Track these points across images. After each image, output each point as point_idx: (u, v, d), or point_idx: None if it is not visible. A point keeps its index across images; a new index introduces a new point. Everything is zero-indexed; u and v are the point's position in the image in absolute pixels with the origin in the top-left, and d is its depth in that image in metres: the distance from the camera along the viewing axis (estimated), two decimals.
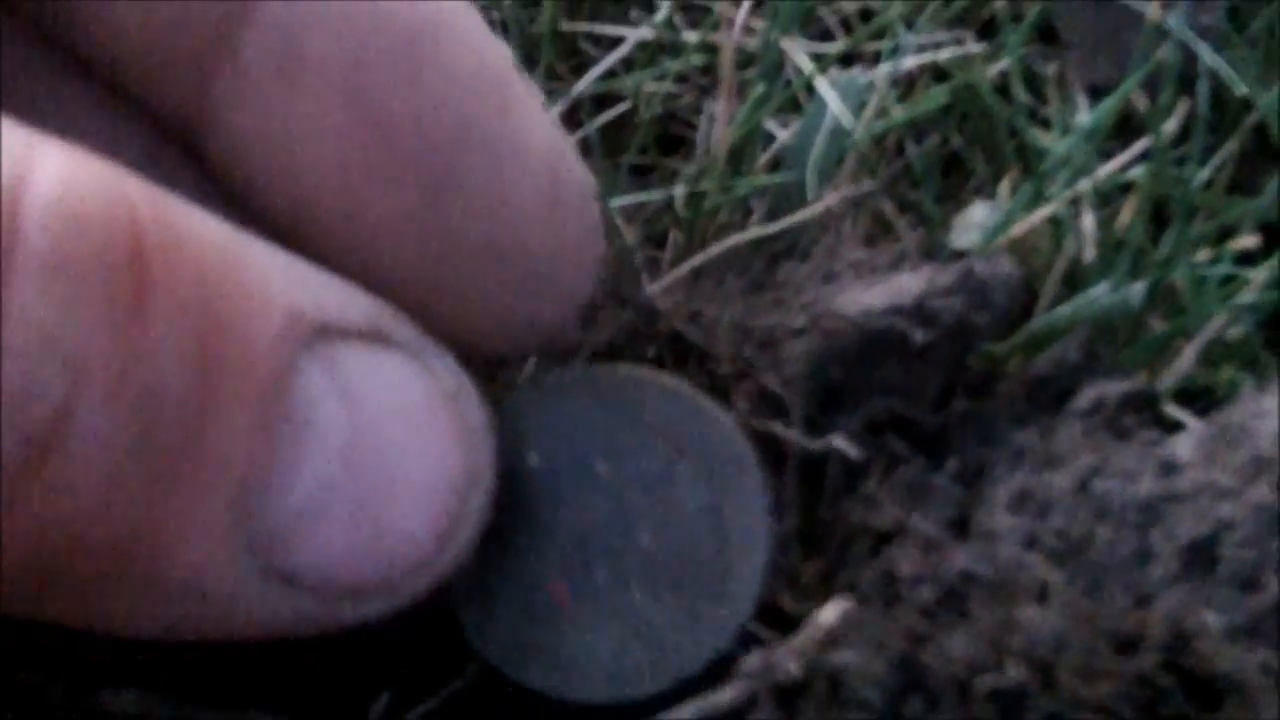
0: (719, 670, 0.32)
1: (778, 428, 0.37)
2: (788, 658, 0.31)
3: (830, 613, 0.32)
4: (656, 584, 0.33)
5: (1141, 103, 0.53)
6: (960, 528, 0.35)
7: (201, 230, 0.26)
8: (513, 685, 0.33)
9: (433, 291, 0.33)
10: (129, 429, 0.25)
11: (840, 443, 0.36)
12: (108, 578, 0.26)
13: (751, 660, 0.31)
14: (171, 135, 0.34)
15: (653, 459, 0.34)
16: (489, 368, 0.37)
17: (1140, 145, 0.49)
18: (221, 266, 0.26)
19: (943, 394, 0.41)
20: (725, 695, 0.31)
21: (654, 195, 0.51)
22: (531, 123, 0.34)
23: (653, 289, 0.47)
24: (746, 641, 0.33)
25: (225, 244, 0.27)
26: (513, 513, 0.34)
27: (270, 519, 0.27)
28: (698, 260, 0.47)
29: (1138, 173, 0.49)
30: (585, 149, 0.51)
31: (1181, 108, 0.49)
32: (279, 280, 0.28)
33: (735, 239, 0.47)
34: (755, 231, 0.48)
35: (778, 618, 0.34)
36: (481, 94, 0.33)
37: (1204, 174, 0.48)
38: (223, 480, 0.26)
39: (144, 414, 0.25)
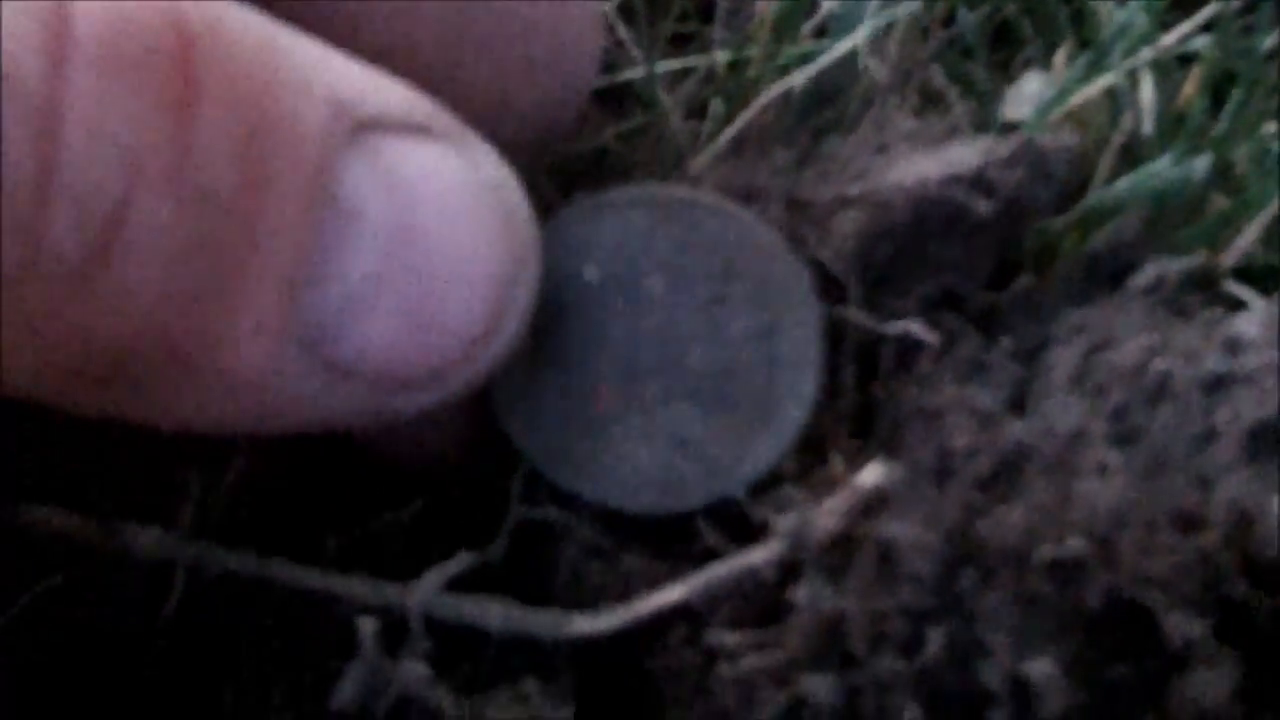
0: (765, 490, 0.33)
1: (839, 309, 0.36)
2: (825, 514, 0.30)
3: (870, 474, 0.31)
4: (705, 402, 0.34)
5: None
6: (1017, 406, 0.34)
7: (245, 25, 0.26)
8: (556, 489, 0.34)
9: (447, 77, 0.33)
10: (184, 223, 0.25)
11: (915, 328, 0.35)
12: (166, 372, 0.27)
13: (788, 518, 0.31)
14: None
15: (707, 280, 0.34)
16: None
17: (1203, 15, 0.47)
18: (266, 61, 0.26)
19: (997, 271, 0.40)
20: (761, 554, 0.31)
21: (695, 61, 0.49)
22: None
23: (695, 161, 0.46)
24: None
25: (269, 39, 0.27)
26: (565, 324, 0.34)
27: (320, 309, 0.28)
28: (740, 124, 0.46)
29: (1199, 44, 0.47)
30: (628, 12, 0.49)
31: None
32: (322, 74, 0.28)
33: (776, 94, 0.46)
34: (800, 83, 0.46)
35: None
36: None
37: (1270, 42, 0.46)
38: (273, 271, 0.27)
39: (197, 207, 0.25)
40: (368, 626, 0.29)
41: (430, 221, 0.29)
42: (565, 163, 0.45)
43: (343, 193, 0.28)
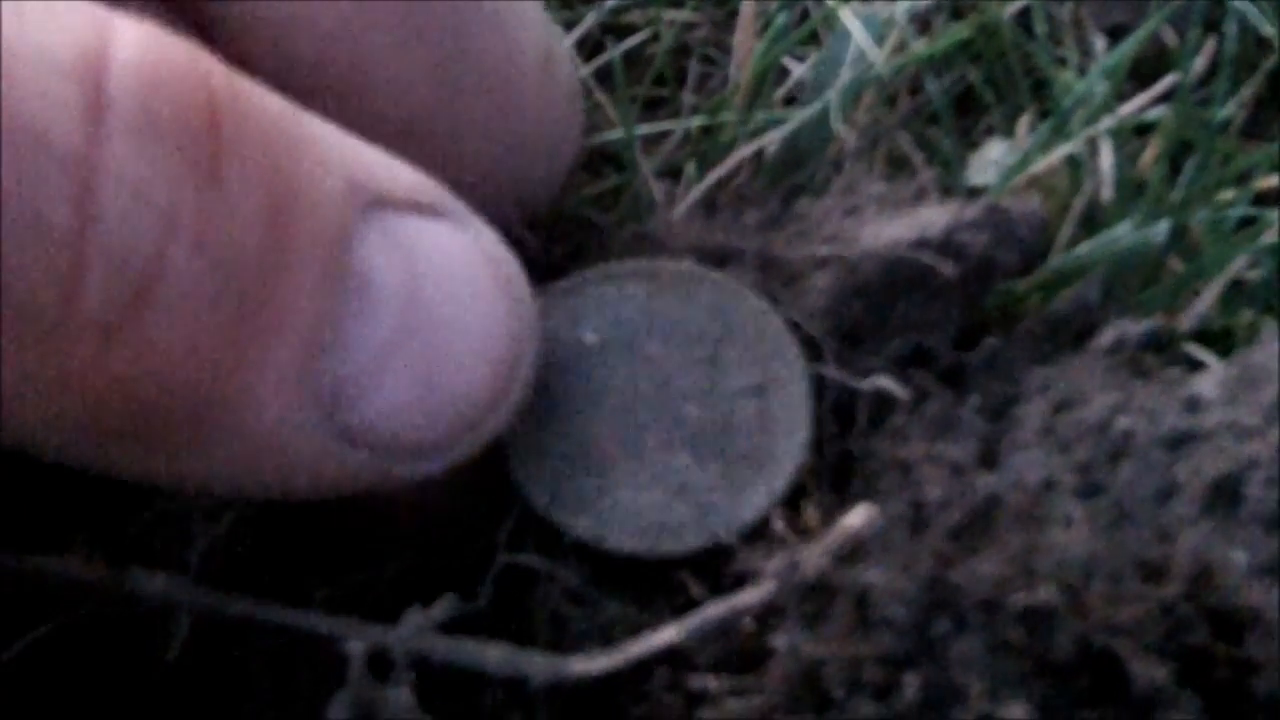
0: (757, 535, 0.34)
1: (816, 367, 0.37)
2: (813, 556, 0.31)
3: (856, 517, 0.32)
4: (701, 452, 0.35)
5: (1168, 38, 0.53)
6: (987, 460, 0.35)
7: (267, 101, 0.28)
8: (557, 534, 0.34)
9: (440, 154, 0.34)
10: (211, 282, 0.26)
11: (887, 383, 0.37)
12: (185, 430, 0.28)
13: (776, 561, 0.31)
14: (176, 12, 0.34)
15: (702, 342, 0.36)
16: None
17: (1161, 86, 0.49)
18: (286, 135, 0.27)
19: (963, 330, 0.41)
20: (752, 596, 0.32)
21: (670, 125, 0.50)
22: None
23: (669, 218, 0.47)
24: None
25: (288, 114, 0.28)
26: (566, 381, 0.35)
27: (335, 375, 0.29)
28: (711, 182, 0.47)
29: (1158, 113, 0.48)
30: (605, 77, 0.51)
31: (1206, 47, 0.49)
32: (338, 150, 0.29)
33: (748, 155, 0.47)
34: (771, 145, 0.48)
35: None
36: None
37: (1226, 113, 0.48)
38: (292, 335, 0.28)
39: (224, 268, 0.26)
40: (356, 649, 0.30)
41: (441, 295, 0.30)
42: (543, 221, 0.45)
43: (358, 264, 0.29)
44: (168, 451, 0.28)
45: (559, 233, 0.45)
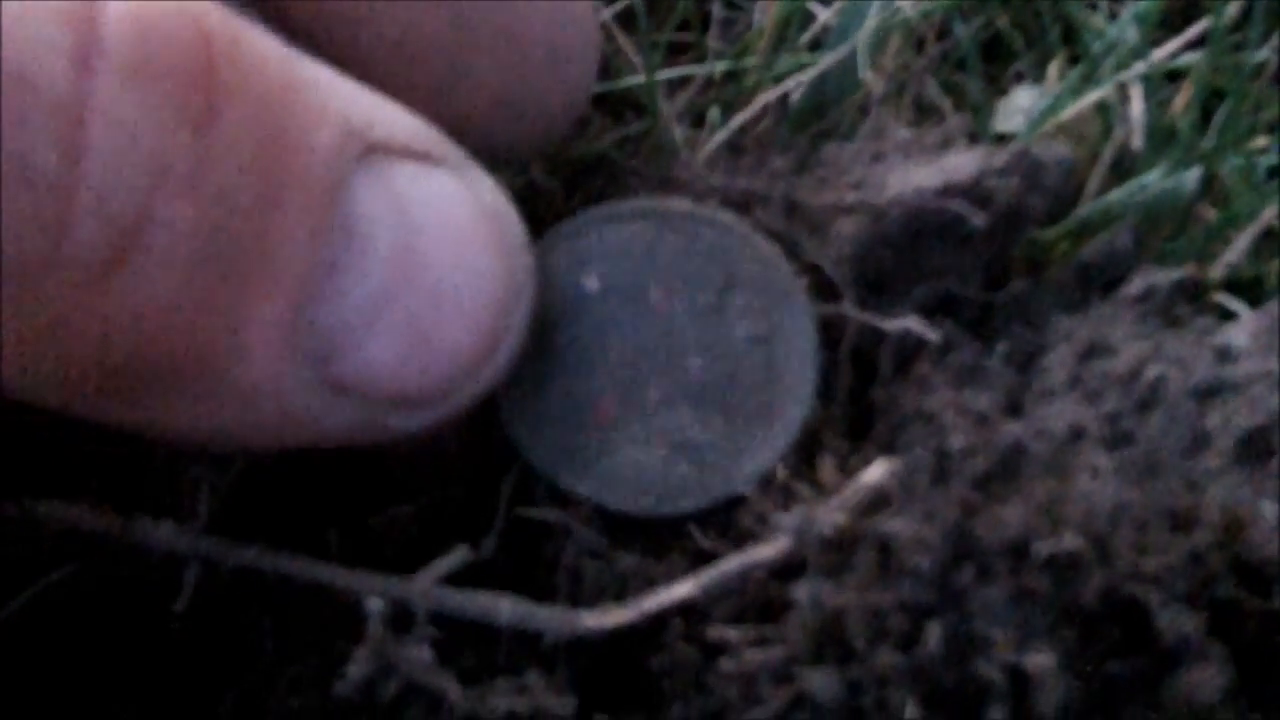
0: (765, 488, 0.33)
1: (837, 307, 0.36)
2: (830, 513, 0.31)
3: (875, 472, 0.31)
4: (704, 407, 0.34)
5: None
6: (1013, 409, 0.35)
7: (263, 46, 0.27)
8: (559, 494, 0.34)
9: (450, 80, 0.33)
10: (201, 229, 0.26)
11: (915, 325, 0.36)
12: (174, 380, 0.27)
13: (793, 515, 0.31)
14: None
15: (706, 289, 0.35)
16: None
17: (1193, 31, 0.48)
18: (282, 81, 0.27)
19: (990, 278, 0.41)
20: (769, 549, 0.31)
21: (694, 70, 0.50)
22: None
23: (692, 163, 0.46)
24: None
25: (285, 60, 0.27)
26: (567, 332, 0.35)
27: (325, 326, 0.28)
28: (735, 127, 0.46)
29: (1189, 59, 0.47)
30: (628, 20, 0.50)
31: None
32: (334, 97, 0.28)
33: (773, 99, 0.47)
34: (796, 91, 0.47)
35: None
36: None
37: (1259, 58, 0.47)
38: (283, 285, 0.27)
39: (214, 215, 0.26)
40: (375, 605, 0.30)
41: (434, 245, 0.29)
42: (565, 166, 0.45)
43: (351, 213, 0.28)
44: (157, 402, 0.28)
45: (579, 178, 0.44)
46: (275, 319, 0.27)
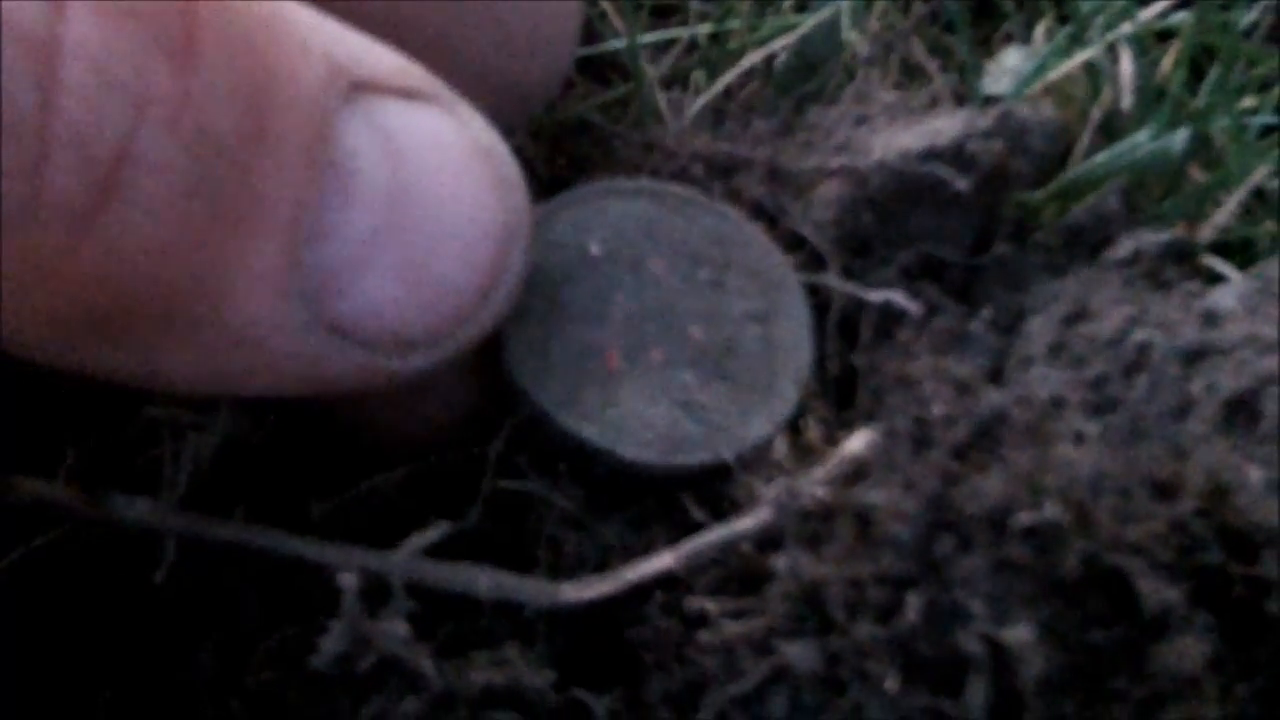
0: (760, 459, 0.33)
1: (821, 277, 0.36)
2: (812, 484, 0.30)
3: (857, 442, 0.31)
4: (705, 372, 0.34)
5: None
6: (996, 376, 0.35)
7: None
8: (566, 438, 0.33)
9: (435, 45, 0.33)
10: (186, 168, 0.25)
11: (897, 297, 0.36)
12: (164, 325, 0.27)
13: (775, 487, 0.31)
14: None
15: (704, 267, 0.35)
16: None
17: None
18: (266, 18, 0.26)
19: (975, 242, 0.40)
20: (749, 521, 0.31)
21: (677, 32, 0.49)
22: None
23: (676, 127, 0.46)
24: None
25: None
26: (571, 289, 0.35)
27: (319, 267, 0.28)
28: (720, 87, 0.46)
29: (1179, 18, 0.47)
30: None
31: None
32: (319, 35, 0.28)
33: (757, 61, 0.46)
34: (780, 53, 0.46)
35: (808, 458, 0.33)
36: None
37: (1249, 18, 0.46)
38: (274, 224, 0.27)
39: (200, 153, 0.25)
40: (349, 581, 0.29)
41: (427, 181, 0.29)
42: (548, 130, 0.44)
43: (341, 151, 0.27)
44: (144, 348, 0.27)
45: (563, 142, 0.44)
46: (268, 259, 0.27)
